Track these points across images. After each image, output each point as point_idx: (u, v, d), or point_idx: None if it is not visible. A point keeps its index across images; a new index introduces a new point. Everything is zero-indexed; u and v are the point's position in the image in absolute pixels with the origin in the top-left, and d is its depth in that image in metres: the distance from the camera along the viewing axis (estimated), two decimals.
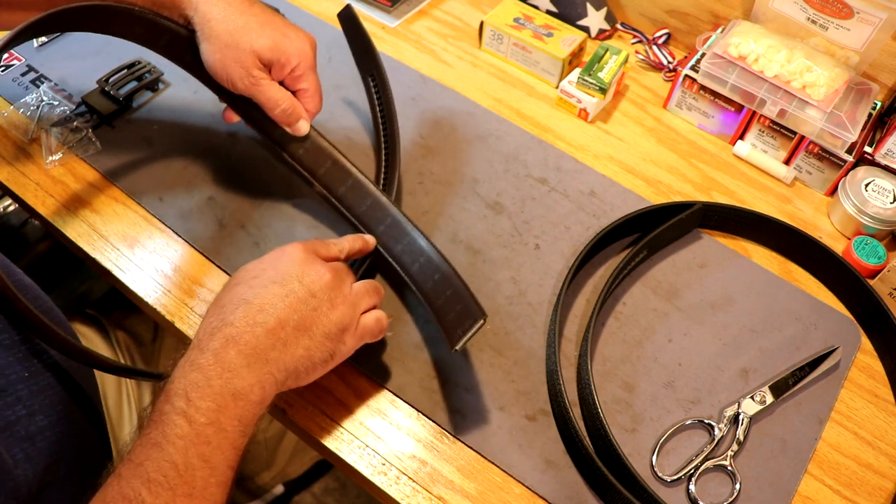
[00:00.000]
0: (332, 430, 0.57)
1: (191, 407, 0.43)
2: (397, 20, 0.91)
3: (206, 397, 0.43)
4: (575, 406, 0.59)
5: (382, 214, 0.63)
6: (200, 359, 0.45)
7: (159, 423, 0.43)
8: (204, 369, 0.44)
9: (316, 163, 0.65)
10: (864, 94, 0.74)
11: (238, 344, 0.46)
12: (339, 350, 0.51)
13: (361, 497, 1.20)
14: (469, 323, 0.52)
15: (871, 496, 0.57)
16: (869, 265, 0.69)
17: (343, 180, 0.65)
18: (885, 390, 0.63)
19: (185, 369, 0.45)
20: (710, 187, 0.77)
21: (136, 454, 0.42)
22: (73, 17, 0.59)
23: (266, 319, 0.47)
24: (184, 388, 0.44)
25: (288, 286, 0.49)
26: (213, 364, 0.45)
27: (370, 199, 0.64)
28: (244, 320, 0.47)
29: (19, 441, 0.50)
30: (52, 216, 0.68)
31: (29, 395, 0.52)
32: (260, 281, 0.50)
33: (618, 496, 0.52)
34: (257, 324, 0.47)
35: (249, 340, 0.46)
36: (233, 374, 0.45)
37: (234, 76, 0.59)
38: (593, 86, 0.79)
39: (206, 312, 0.49)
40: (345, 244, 0.57)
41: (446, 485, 0.55)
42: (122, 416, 0.72)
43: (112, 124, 0.75)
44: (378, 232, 0.63)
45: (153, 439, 0.42)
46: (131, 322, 0.80)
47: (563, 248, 0.69)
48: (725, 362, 0.63)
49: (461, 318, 0.54)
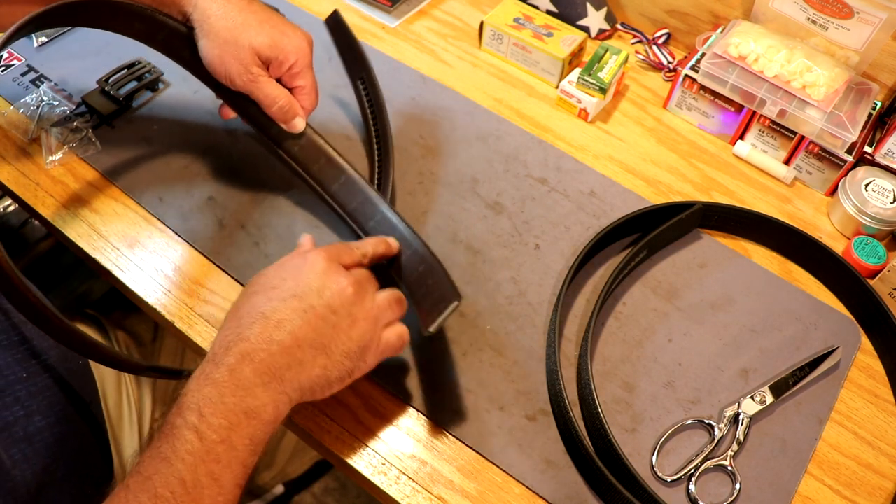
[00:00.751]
0: (332, 430, 0.57)
1: (203, 423, 0.42)
2: (397, 20, 0.91)
3: (218, 414, 0.43)
4: (575, 406, 0.59)
5: (372, 210, 0.63)
6: (215, 373, 0.44)
7: (170, 437, 0.42)
8: (218, 385, 0.44)
9: (310, 159, 0.66)
10: (864, 94, 0.74)
11: (253, 361, 0.45)
12: (358, 367, 0.50)
13: (361, 497, 1.20)
14: (443, 305, 0.52)
15: (871, 496, 0.57)
16: (869, 265, 0.69)
17: (336, 177, 0.65)
18: (885, 390, 0.63)
19: (199, 382, 0.44)
20: (710, 187, 0.77)
21: (144, 467, 0.42)
22: (74, 12, 0.59)
23: (283, 337, 0.46)
24: (197, 403, 0.43)
25: (307, 301, 0.48)
26: (227, 380, 0.44)
27: (362, 195, 0.64)
28: (260, 336, 0.46)
29: (17, 442, 0.50)
30: (52, 216, 0.68)
31: (27, 395, 0.52)
32: (279, 293, 0.48)
33: (618, 496, 0.52)
34: (273, 341, 0.46)
35: (265, 358, 0.45)
36: (246, 393, 0.44)
37: (233, 73, 0.60)
38: (593, 86, 0.79)
39: (224, 321, 0.48)
40: (368, 248, 0.55)
41: (446, 485, 0.55)
42: (121, 416, 0.72)
43: (112, 124, 0.75)
44: (368, 227, 0.63)
45: (163, 453, 0.42)
46: (131, 322, 0.80)
47: (563, 248, 0.69)
48: (725, 362, 0.63)
49: (437, 302, 0.53)
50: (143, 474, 0.41)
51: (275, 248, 0.67)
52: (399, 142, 0.76)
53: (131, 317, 0.81)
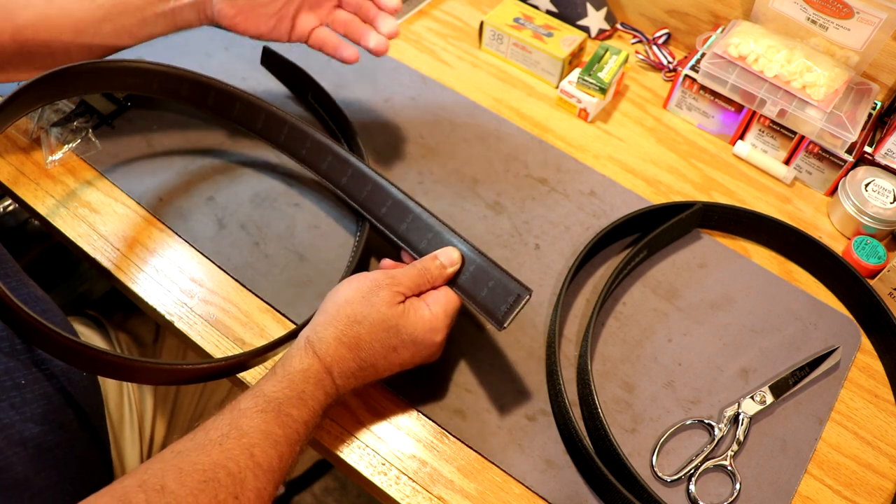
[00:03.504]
0: (332, 430, 0.57)
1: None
2: (397, 20, 0.91)
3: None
4: (575, 406, 0.59)
5: (384, 196, 0.63)
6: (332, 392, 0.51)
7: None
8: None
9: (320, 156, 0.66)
10: (864, 94, 0.74)
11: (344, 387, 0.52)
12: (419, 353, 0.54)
13: (361, 497, 1.20)
14: (512, 299, 0.53)
15: (871, 496, 0.57)
16: (869, 265, 0.69)
17: (344, 171, 0.65)
18: (885, 390, 0.63)
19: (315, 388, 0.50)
20: (709, 187, 0.77)
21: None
22: (82, 77, 0.60)
23: (373, 378, 0.54)
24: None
25: (405, 366, 0.54)
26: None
27: (370, 183, 0.64)
28: (361, 382, 0.53)
29: (12, 445, 0.50)
30: (52, 216, 0.68)
31: (21, 402, 0.52)
32: (398, 357, 0.53)
33: (618, 496, 0.52)
34: (365, 378, 0.53)
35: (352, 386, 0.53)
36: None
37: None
38: (593, 86, 0.79)
39: (346, 342, 0.51)
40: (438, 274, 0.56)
41: (446, 485, 0.55)
42: (122, 420, 0.72)
43: (112, 124, 0.75)
44: (381, 214, 0.63)
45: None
46: (133, 323, 0.80)
47: (563, 248, 0.69)
48: (725, 362, 0.63)
49: (503, 295, 0.54)
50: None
51: (275, 248, 0.67)
52: (399, 142, 0.76)
53: (133, 318, 0.81)
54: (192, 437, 0.45)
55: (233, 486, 0.43)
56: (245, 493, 0.43)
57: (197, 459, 0.43)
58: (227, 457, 0.44)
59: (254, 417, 0.46)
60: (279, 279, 0.65)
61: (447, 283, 0.56)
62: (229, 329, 0.61)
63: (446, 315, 0.54)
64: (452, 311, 0.54)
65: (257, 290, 0.64)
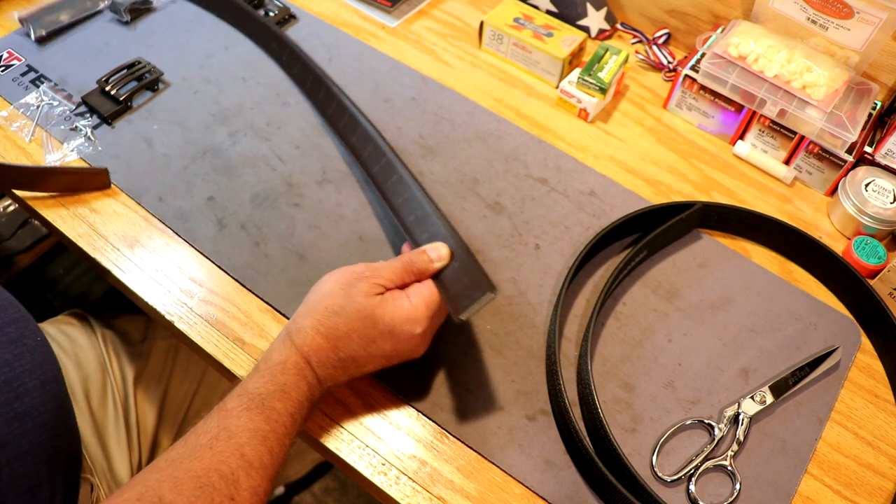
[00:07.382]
0: (332, 430, 0.57)
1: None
2: (397, 20, 0.91)
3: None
4: (575, 406, 0.59)
5: (390, 171, 0.64)
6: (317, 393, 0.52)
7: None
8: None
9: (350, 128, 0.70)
10: (864, 94, 0.74)
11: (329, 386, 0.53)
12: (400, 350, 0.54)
13: (361, 497, 1.20)
14: (476, 293, 0.52)
15: (871, 496, 0.57)
16: (869, 265, 0.69)
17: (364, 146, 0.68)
18: (885, 390, 0.63)
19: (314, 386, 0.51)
20: (710, 187, 0.77)
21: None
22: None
23: (357, 371, 0.54)
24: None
25: (390, 360, 0.54)
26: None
27: (394, 173, 0.65)
28: (345, 375, 0.53)
29: None
30: (52, 216, 0.68)
31: None
32: (377, 348, 0.52)
33: (618, 496, 0.52)
34: (348, 371, 0.53)
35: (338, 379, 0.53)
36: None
37: None
38: (593, 86, 0.79)
39: (322, 314, 0.52)
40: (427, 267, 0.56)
41: (446, 485, 0.55)
42: (106, 415, 0.72)
43: (112, 124, 0.75)
44: (386, 186, 0.64)
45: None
46: (122, 321, 0.80)
47: (563, 248, 0.69)
48: (725, 362, 0.63)
49: (468, 289, 0.53)
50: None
51: (275, 248, 0.67)
52: (399, 142, 0.76)
53: (122, 316, 0.81)
54: (184, 443, 0.46)
55: (227, 488, 0.43)
56: (240, 493, 0.44)
57: (190, 466, 0.44)
58: (219, 459, 0.44)
59: (240, 416, 0.47)
60: (279, 279, 0.65)
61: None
62: (229, 329, 0.61)
63: (427, 307, 0.53)
64: (434, 304, 0.53)
65: (257, 290, 0.64)
